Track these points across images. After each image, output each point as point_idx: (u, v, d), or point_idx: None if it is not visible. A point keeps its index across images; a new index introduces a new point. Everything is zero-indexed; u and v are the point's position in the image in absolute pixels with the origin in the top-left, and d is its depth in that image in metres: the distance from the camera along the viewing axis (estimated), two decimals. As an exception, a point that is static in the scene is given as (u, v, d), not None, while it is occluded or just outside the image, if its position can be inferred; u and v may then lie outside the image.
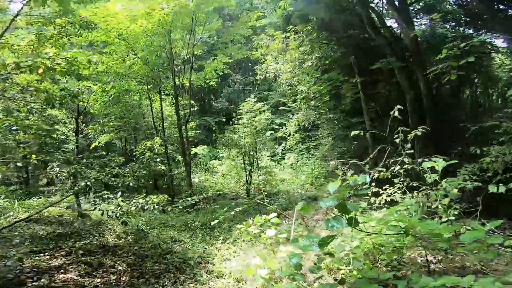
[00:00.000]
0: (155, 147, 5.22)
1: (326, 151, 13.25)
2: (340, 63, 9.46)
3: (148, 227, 6.52)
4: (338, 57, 9.27)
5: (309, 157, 14.59)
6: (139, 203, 4.55)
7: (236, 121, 12.03)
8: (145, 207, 4.55)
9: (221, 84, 23.86)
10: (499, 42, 10.84)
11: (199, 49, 12.65)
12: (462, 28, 10.80)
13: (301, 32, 9.79)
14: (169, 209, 8.88)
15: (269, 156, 16.34)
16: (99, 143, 9.84)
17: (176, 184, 11.50)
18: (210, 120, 21.14)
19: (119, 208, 4.27)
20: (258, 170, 12.45)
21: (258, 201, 7.66)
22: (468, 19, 10.31)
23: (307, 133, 14.55)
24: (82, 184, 4.21)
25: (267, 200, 9.38)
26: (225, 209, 6.31)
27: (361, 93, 9.50)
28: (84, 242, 5.46)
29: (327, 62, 9.23)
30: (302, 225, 5.18)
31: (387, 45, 8.83)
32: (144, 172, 4.75)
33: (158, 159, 5.10)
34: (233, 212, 5.48)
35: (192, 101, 13.62)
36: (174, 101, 10.15)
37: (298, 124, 13.39)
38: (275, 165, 15.91)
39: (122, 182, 4.52)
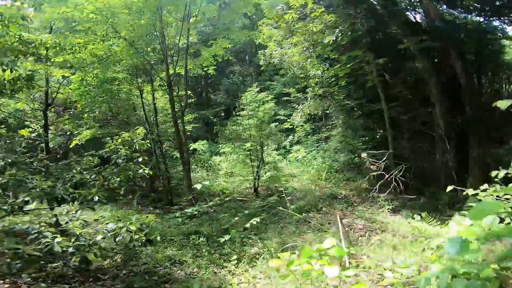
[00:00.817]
0: (135, 142, 3.90)
1: (338, 143, 12.00)
2: (364, 41, 8.14)
3: (140, 243, 5.26)
4: (364, 33, 7.94)
5: (318, 149, 13.33)
6: (107, 230, 3.26)
7: (238, 113, 10.73)
8: (117, 238, 3.26)
9: (219, 77, 22.46)
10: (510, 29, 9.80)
11: (194, 33, 11.30)
12: (470, 15, 9.61)
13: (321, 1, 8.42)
14: (166, 217, 7.65)
15: (274, 150, 15.09)
16: (80, 141, 8.47)
17: (175, 185, 10.21)
18: (208, 114, 19.78)
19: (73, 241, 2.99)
20: (264, 166, 11.21)
21: (273, 203, 6.41)
22: (477, 5, 9.10)
23: (317, 124, 13.28)
24: (19, 199, 2.93)
25: (279, 200, 8.17)
26: (235, 219, 5.05)
27: (386, 76, 8.22)
28: (58, 264, 4.24)
29: (349, 38, 7.86)
30: (346, 239, 3.95)
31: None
32: (118, 179, 3.44)
33: (140, 158, 3.79)
34: (248, 225, 4.24)
35: (189, 92, 12.28)
36: (168, 90, 8.81)
37: (309, 114, 12.07)
38: (281, 159, 14.67)
39: (84, 195, 3.20)
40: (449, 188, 3.45)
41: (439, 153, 7.75)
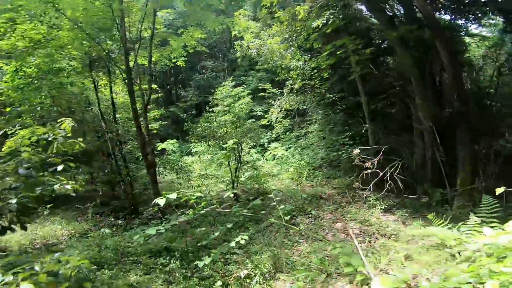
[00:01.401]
0: (53, 138, 2.76)
1: (317, 139, 11.47)
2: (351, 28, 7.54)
3: (95, 266, 4.15)
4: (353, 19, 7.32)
5: (297, 146, 12.72)
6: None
7: (211, 109, 9.75)
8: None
9: (190, 73, 21.15)
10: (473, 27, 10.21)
11: (161, 21, 10.09)
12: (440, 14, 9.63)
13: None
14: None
15: (252, 148, 14.26)
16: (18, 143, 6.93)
17: (140, 191, 8.98)
18: (178, 111, 18.43)
19: None
20: (241, 165, 10.35)
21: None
22: (447, 2, 9.09)
23: (296, 119, 12.64)
24: None
25: (263, 203, 7.33)
26: (216, 234, 4.12)
27: (372, 67, 7.70)
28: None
29: (340, 23, 7.14)
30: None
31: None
32: (16, 199, 2.33)
33: (60, 166, 2.67)
34: (233, 244, 3.35)
35: (155, 86, 11.03)
36: (127, 82, 7.57)
37: (287, 109, 11.38)
38: (259, 157, 13.87)
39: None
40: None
41: (427, 148, 7.37)
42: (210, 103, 10.28)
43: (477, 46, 11.18)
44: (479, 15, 9.15)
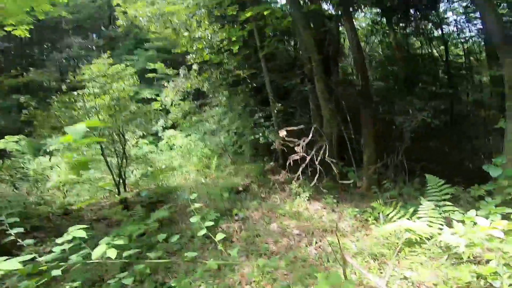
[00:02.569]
0: None
1: (220, 122, 10.15)
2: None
3: None
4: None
5: (199, 132, 11.08)
6: None
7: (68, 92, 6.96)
8: None
9: (49, 50, 16.03)
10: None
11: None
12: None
13: None
14: None
15: (141, 138, 11.74)
16: None
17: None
18: (26, 99, 13.46)
19: None
20: (127, 162, 8.06)
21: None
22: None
23: (197, 102, 10.86)
24: None
25: (165, 207, 5.54)
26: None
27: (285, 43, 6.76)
28: None
29: None
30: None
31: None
32: None
33: None
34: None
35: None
36: None
37: (187, 90, 9.54)
38: (153, 149, 11.55)
39: None
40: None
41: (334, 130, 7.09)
42: (67, 83, 7.40)
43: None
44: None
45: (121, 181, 6.30)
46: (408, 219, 3.52)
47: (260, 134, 7.69)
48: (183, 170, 9.09)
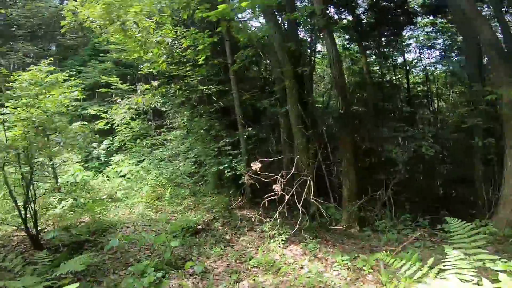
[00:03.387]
0: None
1: (182, 148, 8.85)
2: None
3: None
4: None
5: (152, 158, 9.57)
6: None
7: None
8: None
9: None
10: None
11: None
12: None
13: None
14: None
15: (79, 162, 9.88)
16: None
17: None
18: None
19: None
20: (53, 191, 6.31)
21: None
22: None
23: (152, 122, 9.50)
24: None
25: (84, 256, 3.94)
26: None
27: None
28: None
29: None
30: None
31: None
32: None
33: None
34: None
35: None
36: None
37: (141, 108, 8.21)
38: (94, 175, 9.69)
39: None
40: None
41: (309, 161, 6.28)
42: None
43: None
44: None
45: (29, 214, 4.61)
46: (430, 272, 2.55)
47: (226, 164, 6.52)
48: (129, 203, 7.45)
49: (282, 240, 4.63)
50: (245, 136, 6.92)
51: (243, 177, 6.06)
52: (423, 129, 5.62)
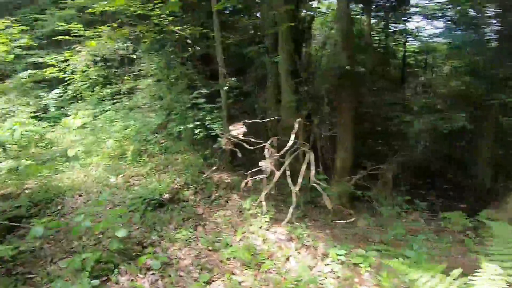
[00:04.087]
0: None
1: (153, 99, 7.57)
2: None
3: None
4: None
5: (118, 109, 8.22)
6: None
7: None
8: None
9: None
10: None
11: None
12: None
13: None
14: None
15: (32, 113, 8.35)
16: None
17: None
18: None
19: None
20: None
21: None
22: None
23: (115, 70, 8.00)
24: None
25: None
26: None
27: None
28: None
29: None
30: None
31: None
32: None
33: None
34: None
35: None
36: None
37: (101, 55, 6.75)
38: (46, 128, 8.29)
39: None
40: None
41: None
42: None
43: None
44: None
45: None
46: None
47: (198, 121, 5.45)
48: (86, 161, 6.34)
49: (265, 221, 3.88)
50: (226, 88, 5.77)
51: (219, 139, 5.09)
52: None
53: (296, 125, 3.81)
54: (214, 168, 5.64)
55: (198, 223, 3.87)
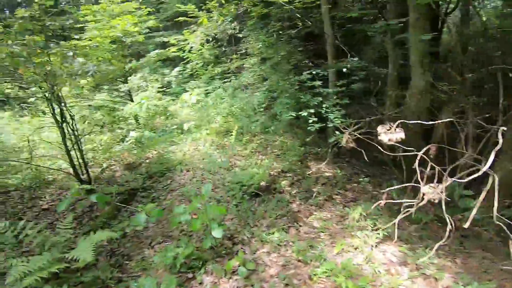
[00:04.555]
0: None
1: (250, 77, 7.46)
2: None
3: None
4: None
5: (225, 87, 8.52)
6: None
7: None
8: None
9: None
10: None
11: None
12: None
13: None
14: None
15: (159, 89, 9.54)
16: None
17: None
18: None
19: None
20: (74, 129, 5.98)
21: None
22: None
23: (226, 49, 8.23)
24: None
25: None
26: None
27: None
28: None
29: None
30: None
31: None
32: None
33: None
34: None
35: None
36: None
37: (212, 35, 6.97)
38: (170, 103, 9.37)
39: None
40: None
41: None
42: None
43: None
44: None
45: (77, 153, 4.22)
46: None
47: (310, 109, 4.76)
48: (197, 136, 6.81)
49: (376, 238, 3.19)
50: (344, 69, 4.80)
51: (336, 133, 4.40)
52: None
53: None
54: (321, 164, 5.05)
55: (292, 224, 3.53)
